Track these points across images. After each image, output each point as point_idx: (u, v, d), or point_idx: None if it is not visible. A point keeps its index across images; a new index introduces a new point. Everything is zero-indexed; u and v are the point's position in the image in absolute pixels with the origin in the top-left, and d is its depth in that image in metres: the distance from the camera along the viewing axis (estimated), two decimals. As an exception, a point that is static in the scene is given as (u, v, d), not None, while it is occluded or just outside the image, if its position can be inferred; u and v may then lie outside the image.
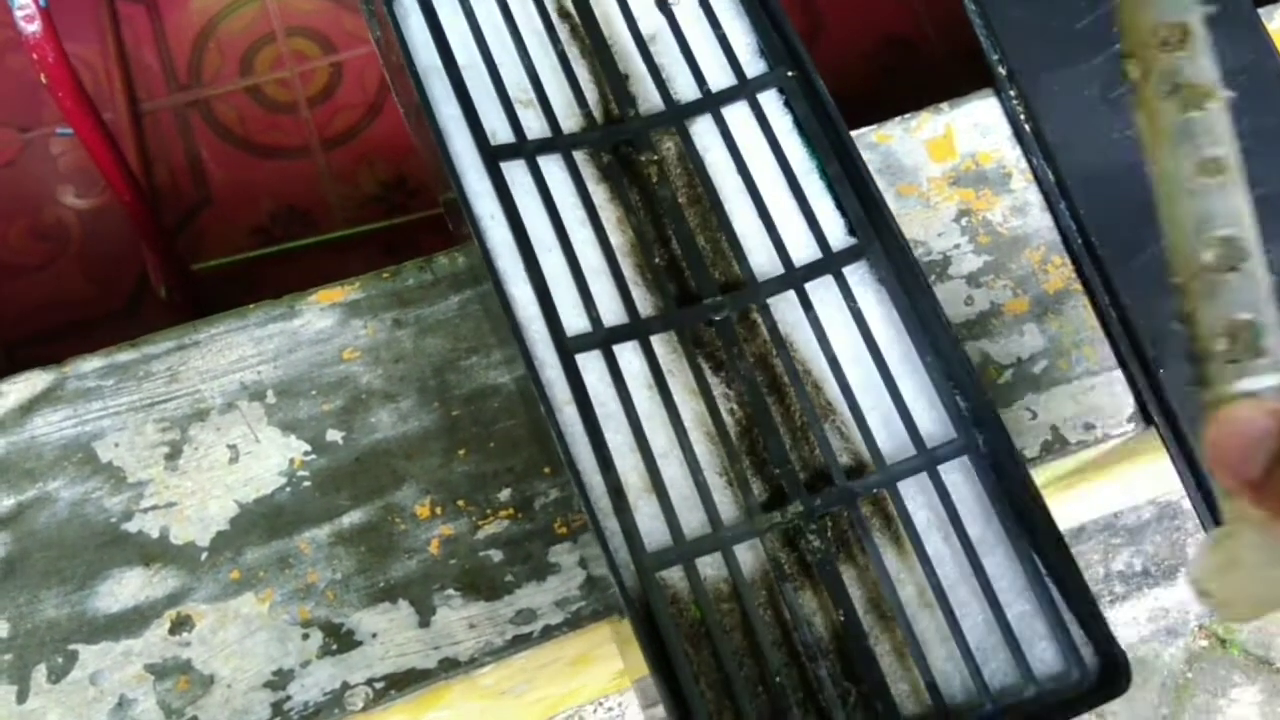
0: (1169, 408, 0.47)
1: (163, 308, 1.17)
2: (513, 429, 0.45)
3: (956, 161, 0.52)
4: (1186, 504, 1.08)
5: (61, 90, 0.82)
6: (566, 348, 0.37)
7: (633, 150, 0.42)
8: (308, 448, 0.44)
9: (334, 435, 0.45)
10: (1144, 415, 0.48)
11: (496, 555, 0.44)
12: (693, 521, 0.36)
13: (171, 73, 1.32)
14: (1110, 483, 0.70)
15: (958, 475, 0.38)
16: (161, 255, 1.12)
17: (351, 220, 1.35)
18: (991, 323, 0.49)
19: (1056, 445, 0.47)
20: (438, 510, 0.44)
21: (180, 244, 1.24)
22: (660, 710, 0.37)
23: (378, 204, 1.37)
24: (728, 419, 0.38)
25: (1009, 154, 0.52)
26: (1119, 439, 0.48)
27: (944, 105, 0.53)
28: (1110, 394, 0.48)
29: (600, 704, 0.94)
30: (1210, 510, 0.46)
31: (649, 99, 0.42)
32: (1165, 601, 1.12)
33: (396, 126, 1.38)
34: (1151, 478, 0.79)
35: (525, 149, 0.40)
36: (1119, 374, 0.49)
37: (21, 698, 0.40)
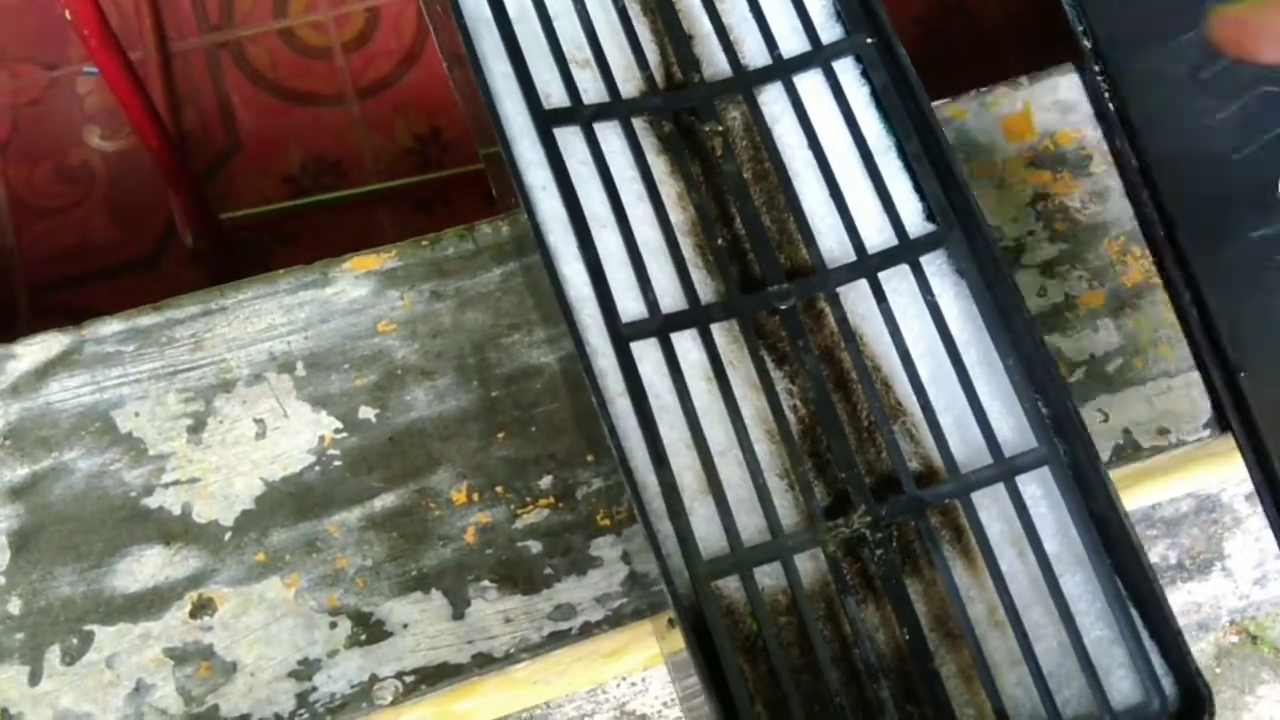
0: (1249, 414, 0.45)
1: (189, 256, 1.15)
2: (555, 413, 0.43)
3: (1034, 141, 0.48)
4: (1225, 497, 1.06)
5: (87, 27, 0.80)
6: (621, 335, 0.34)
7: (695, 119, 0.39)
8: (339, 425, 0.42)
9: (367, 413, 0.42)
10: (1220, 421, 0.45)
11: (535, 546, 0.41)
12: (750, 527, 0.34)
13: (203, 12, 1.29)
14: (1173, 485, 0.67)
15: (1036, 487, 0.35)
16: (188, 202, 1.09)
17: (384, 173, 1.33)
18: (1065, 316, 0.46)
19: (1129, 450, 0.45)
20: (475, 496, 0.42)
21: (208, 191, 1.22)
22: (692, 680, 0.35)
23: (412, 157, 1.34)
24: (790, 416, 0.36)
25: (1090, 135, 0.49)
26: (1194, 445, 0.45)
27: (1023, 79, 0.49)
28: (1187, 397, 0.45)
29: (624, 678, 0.92)
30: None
31: (714, 63, 0.39)
32: (1199, 596, 1.09)
33: (432, 77, 1.35)
34: (1218, 482, 0.76)
35: (582, 114, 0.37)
36: (1196, 376, 0.46)
37: (34, 679, 0.38)
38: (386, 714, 0.40)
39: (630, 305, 0.35)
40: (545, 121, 0.36)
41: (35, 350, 0.42)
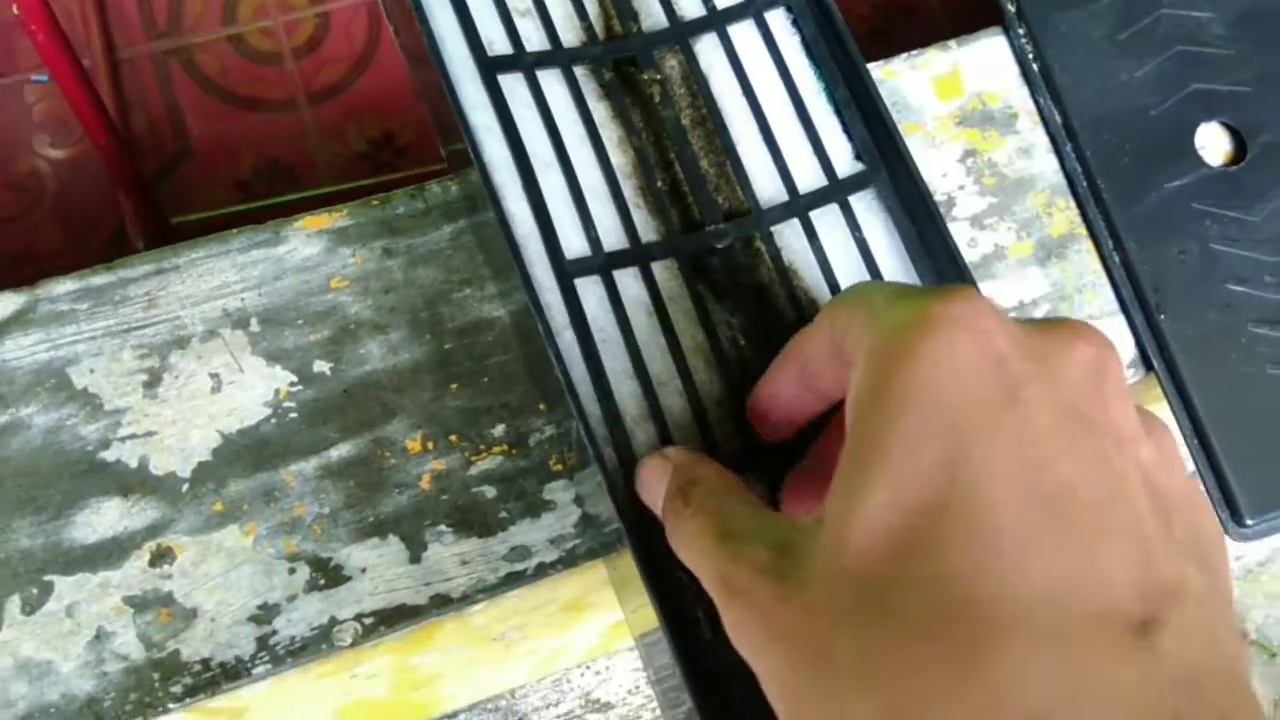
0: (1169, 354, 0.47)
1: (141, 259, 1.14)
2: (507, 364, 0.44)
3: (963, 100, 0.50)
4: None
5: (37, 27, 0.80)
6: (566, 271, 0.36)
7: (635, 68, 0.40)
8: (294, 378, 0.43)
9: (321, 366, 0.43)
10: (1144, 361, 0.47)
11: (490, 491, 0.42)
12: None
13: (150, 19, 1.29)
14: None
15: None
16: (139, 206, 1.09)
17: (337, 178, 1.33)
18: (994, 266, 0.48)
19: (1062, 388, 0.46)
20: (429, 445, 0.43)
21: (160, 197, 1.21)
22: (664, 662, 0.36)
23: (364, 161, 1.34)
24: (728, 348, 0.37)
25: (1016, 94, 0.51)
26: (1123, 383, 0.47)
27: (951, 43, 0.51)
28: (1112, 339, 0.47)
29: (588, 667, 0.93)
30: (1206, 453, 0.46)
31: (652, 14, 0.41)
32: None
33: (385, 82, 1.36)
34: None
35: (524, 61, 0.38)
36: (1121, 319, 0.48)
37: (-6, 628, 0.39)
38: (346, 656, 0.41)
39: (574, 243, 0.36)
40: (489, 68, 0.38)
41: (-10, 311, 0.42)
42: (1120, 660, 0.22)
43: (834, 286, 0.38)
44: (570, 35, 0.40)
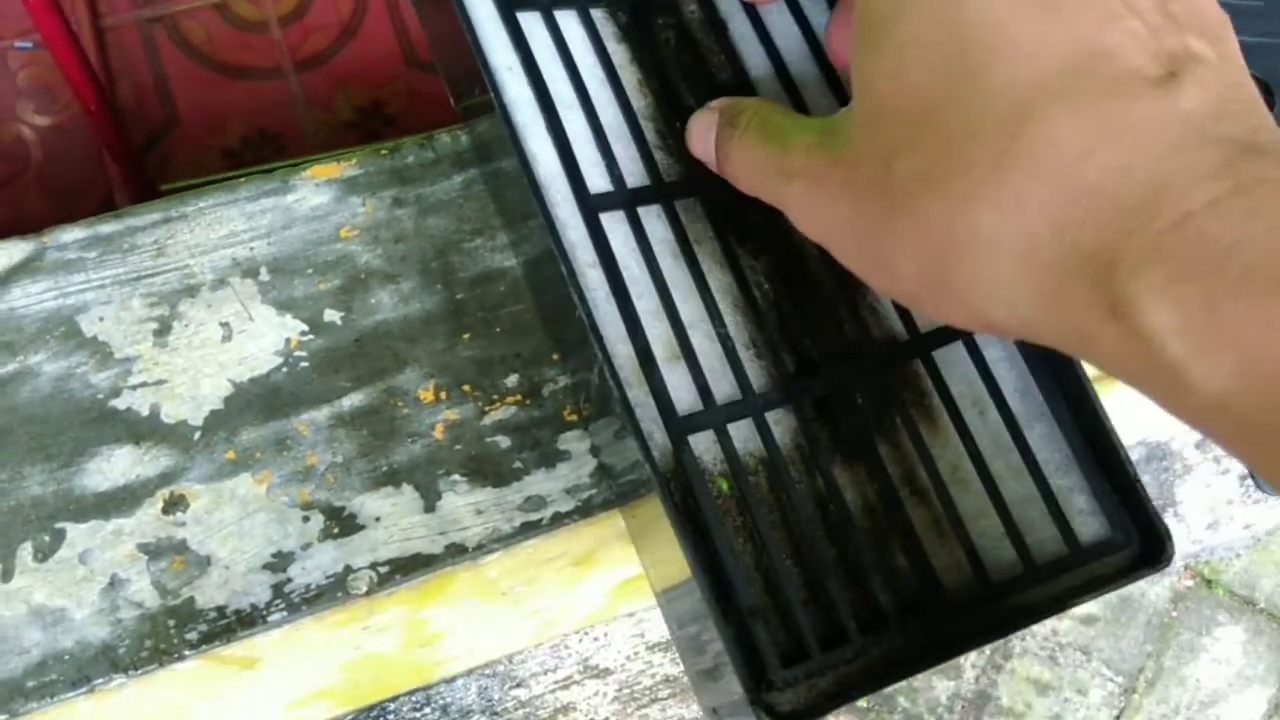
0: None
1: (129, 227, 1.13)
2: (519, 314, 0.44)
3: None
4: (1175, 445, 1.09)
5: (27, -16, 0.79)
6: (590, 205, 0.35)
7: (652, 13, 0.40)
8: (304, 328, 0.42)
9: (332, 315, 0.43)
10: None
11: (504, 441, 0.42)
12: (719, 393, 0.34)
13: (137, -16, 1.27)
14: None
15: (996, 350, 0.36)
16: (128, 172, 1.08)
17: (325, 146, 1.32)
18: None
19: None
20: (442, 395, 0.42)
21: (147, 164, 1.20)
22: (685, 606, 0.35)
23: (353, 130, 1.33)
24: (755, 291, 0.37)
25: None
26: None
27: None
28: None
29: (586, 633, 0.93)
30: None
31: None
32: (1146, 540, 1.13)
33: (373, 51, 1.34)
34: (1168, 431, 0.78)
35: (541, 1, 0.38)
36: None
37: (6, 576, 0.38)
38: (360, 605, 0.40)
39: (597, 181, 0.36)
40: (508, 5, 0.37)
41: (-5, 257, 0.41)
42: (1149, 102, 0.24)
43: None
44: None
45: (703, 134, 0.35)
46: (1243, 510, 1.11)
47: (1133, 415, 0.74)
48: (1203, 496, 1.14)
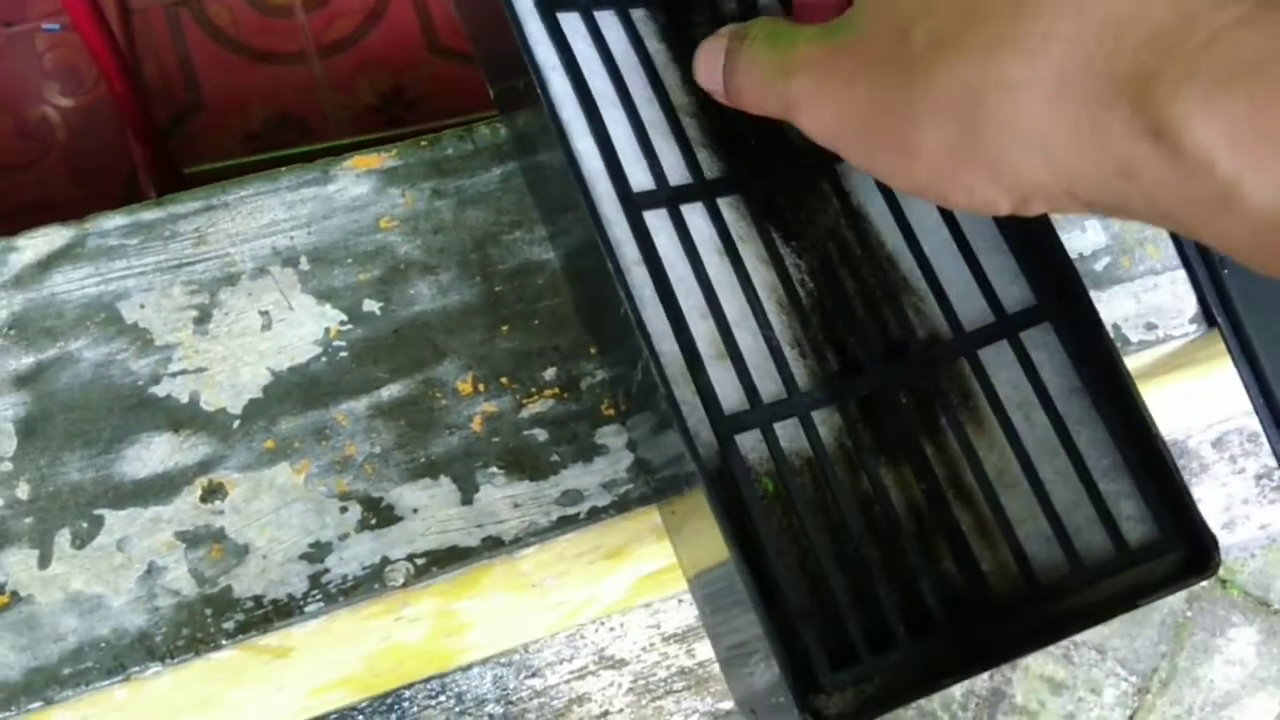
0: (1233, 309, 0.46)
1: (154, 209, 1.13)
2: (558, 307, 0.43)
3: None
4: (1192, 444, 1.08)
5: (59, -35, 0.79)
6: (634, 203, 0.35)
7: (690, 11, 0.39)
8: (344, 317, 0.42)
9: (371, 305, 0.43)
10: (1207, 316, 0.47)
11: (541, 435, 0.42)
12: (765, 392, 0.34)
13: (164, -32, 1.27)
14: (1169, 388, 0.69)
15: (1040, 351, 0.36)
16: (152, 155, 1.08)
17: (348, 131, 1.32)
18: (1054, 218, 0.47)
19: (1118, 344, 0.46)
20: (480, 387, 0.42)
21: (171, 147, 1.20)
22: (717, 590, 0.35)
23: (376, 115, 1.33)
24: (799, 289, 0.36)
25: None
26: (1181, 340, 0.47)
27: None
28: (1173, 294, 0.47)
29: (603, 623, 0.93)
30: (1271, 410, 0.45)
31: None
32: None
33: (396, 36, 1.34)
34: (1206, 396, 0.78)
35: (581, 1, 0.38)
36: (1182, 274, 0.47)
37: (44, 562, 0.38)
38: (396, 597, 0.40)
39: (639, 178, 0.36)
40: (549, 5, 0.37)
41: (37, 243, 0.41)
42: None
43: (905, 228, 0.37)
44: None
45: (710, 60, 0.34)
46: (1259, 510, 1.11)
47: (1151, 407, 0.74)
48: (1218, 496, 1.14)
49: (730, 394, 0.34)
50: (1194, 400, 0.86)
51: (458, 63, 1.33)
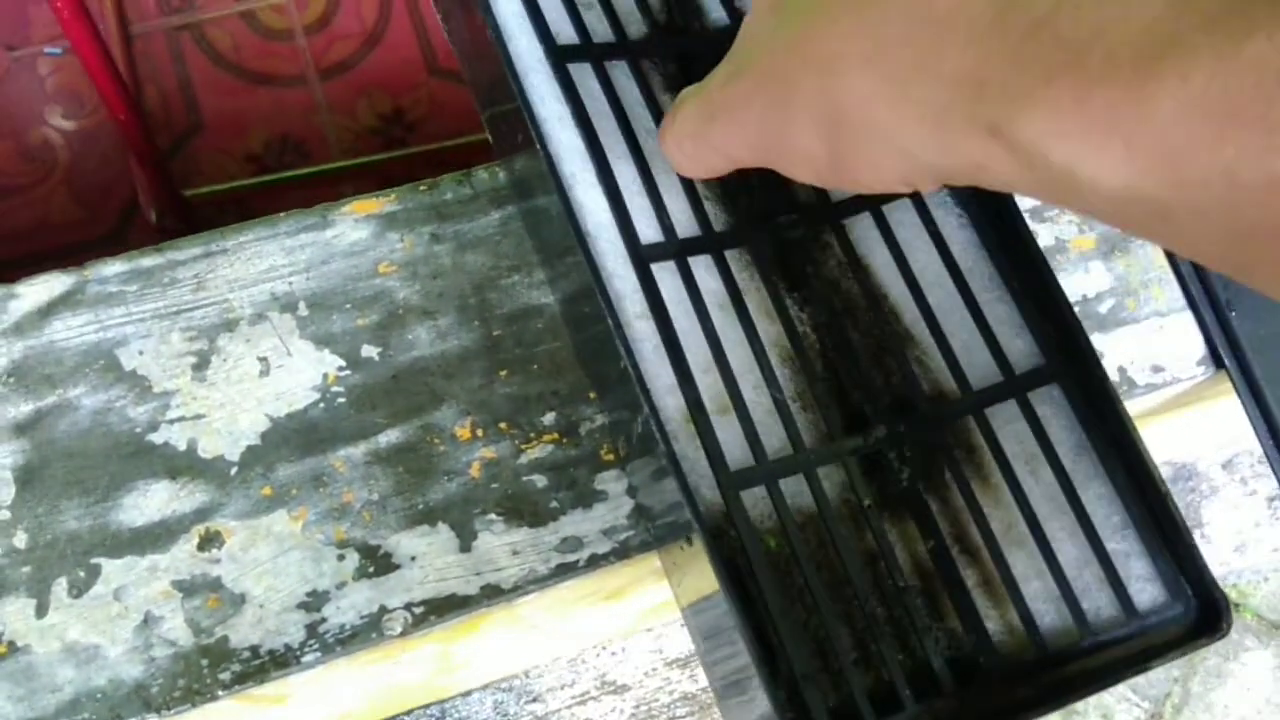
0: (1241, 352, 0.46)
1: (153, 233, 1.13)
2: (556, 351, 0.43)
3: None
4: (1202, 466, 1.08)
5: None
6: (642, 256, 0.35)
7: (699, 62, 0.39)
8: (342, 363, 0.42)
9: (369, 351, 0.42)
10: (1215, 359, 0.47)
11: (540, 480, 0.42)
12: (769, 448, 0.34)
13: (165, -8, 1.27)
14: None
15: (1047, 408, 0.36)
16: (153, 178, 1.08)
17: (347, 153, 1.32)
18: (1056, 259, 0.47)
19: (1124, 387, 0.46)
20: (479, 432, 0.42)
21: (172, 168, 1.20)
22: (710, 620, 0.35)
23: (375, 136, 1.33)
24: (803, 342, 0.36)
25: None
26: (1188, 382, 0.46)
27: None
28: (1180, 336, 0.47)
29: (604, 648, 0.92)
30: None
31: (715, 9, 0.40)
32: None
33: (395, 59, 1.34)
34: (1214, 422, 0.78)
35: (593, 51, 0.37)
36: (1189, 315, 0.47)
37: (41, 612, 0.38)
38: (395, 645, 0.40)
39: (646, 231, 0.36)
40: (559, 56, 0.36)
41: (37, 290, 0.41)
42: None
43: (910, 279, 0.37)
44: (633, 29, 0.39)
45: (661, 141, 0.34)
46: (1271, 533, 1.10)
47: (1158, 434, 0.73)
48: (1230, 518, 1.13)
49: (734, 449, 0.34)
50: (1201, 430, 0.86)
51: (457, 85, 1.33)
